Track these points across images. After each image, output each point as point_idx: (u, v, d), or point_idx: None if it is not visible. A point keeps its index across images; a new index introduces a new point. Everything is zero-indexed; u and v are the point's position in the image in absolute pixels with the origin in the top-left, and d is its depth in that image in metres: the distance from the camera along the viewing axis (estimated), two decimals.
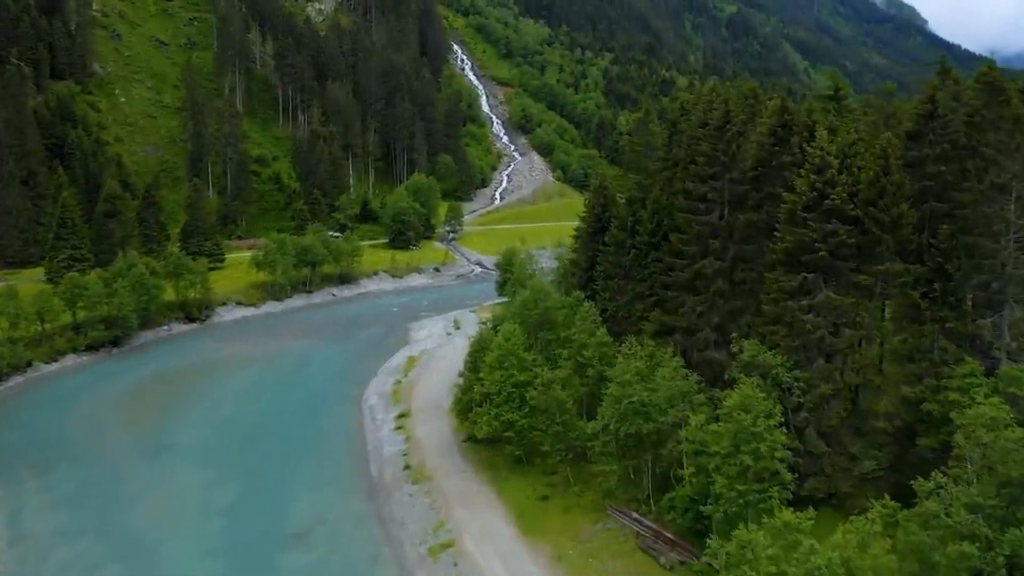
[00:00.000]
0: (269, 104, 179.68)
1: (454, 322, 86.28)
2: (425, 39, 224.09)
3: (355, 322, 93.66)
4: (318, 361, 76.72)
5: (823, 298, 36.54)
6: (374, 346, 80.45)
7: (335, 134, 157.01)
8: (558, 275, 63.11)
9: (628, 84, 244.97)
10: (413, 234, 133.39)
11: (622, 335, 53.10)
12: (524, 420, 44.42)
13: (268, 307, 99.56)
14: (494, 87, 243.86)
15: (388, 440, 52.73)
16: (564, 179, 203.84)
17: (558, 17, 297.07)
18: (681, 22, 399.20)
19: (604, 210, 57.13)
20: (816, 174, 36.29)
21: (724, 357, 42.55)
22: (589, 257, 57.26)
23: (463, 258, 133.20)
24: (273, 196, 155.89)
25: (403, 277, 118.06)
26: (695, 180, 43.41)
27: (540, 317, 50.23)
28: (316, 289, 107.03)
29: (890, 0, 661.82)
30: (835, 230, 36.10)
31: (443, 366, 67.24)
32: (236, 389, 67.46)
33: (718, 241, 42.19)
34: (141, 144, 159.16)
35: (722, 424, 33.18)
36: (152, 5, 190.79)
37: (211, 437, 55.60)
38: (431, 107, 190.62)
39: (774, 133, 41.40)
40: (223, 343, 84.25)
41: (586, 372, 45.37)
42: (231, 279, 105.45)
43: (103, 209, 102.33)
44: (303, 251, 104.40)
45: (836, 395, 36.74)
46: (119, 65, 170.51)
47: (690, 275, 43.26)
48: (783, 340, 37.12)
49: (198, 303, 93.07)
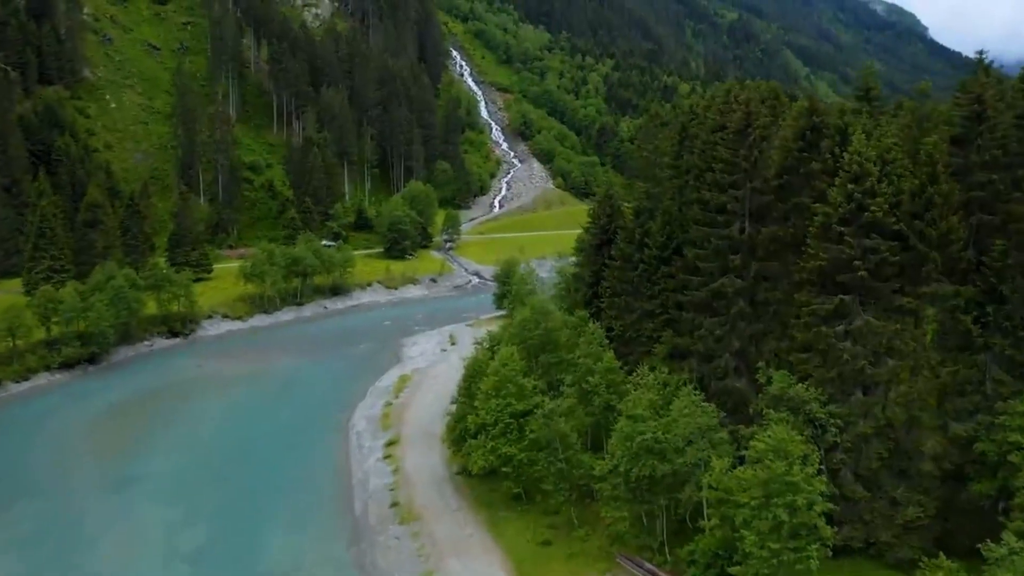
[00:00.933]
0: (263, 110, 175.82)
1: (449, 337, 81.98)
2: (423, 45, 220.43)
3: (346, 337, 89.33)
4: (305, 380, 72.39)
5: (861, 323, 32.28)
6: (365, 363, 76.13)
7: (329, 141, 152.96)
8: (560, 290, 58.84)
9: (629, 90, 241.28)
10: (409, 243, 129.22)
11: (630, 356, 49.14)
12: (523, 454, 40.11)
13: (256, 320, 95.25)
14: (493, 93, 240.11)
15: (375, 472, 48.36)
16: (565, 186, 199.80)
17: (558, 23, 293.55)
18: (682, 29, 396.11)
19: (610, 221, 52.94)
20: (853, 183, 32.09)
21: (746, 386, 38.33)
22: (594, 271, 53.05)
23: (460, 268, 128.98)
24: (266, 204, 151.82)
25: (398, 288, 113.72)
26: (713, 189, 39.19)
27: (541, 339, 45.97)
28: (307, 301, 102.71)
29: (890, 7, 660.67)
30: (875, 246, 31.90)
31: (436, 387, 62.94)
32: (215, 412, 63.09)
33: (739, 257, 37.94)
34: (131, 151, 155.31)
35: (750, 469, 28.91)
36: (145, 9, 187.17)
37: (183, 468, 51.22)
38: (429, 113, 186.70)
39: (802, 137, 37.20)
40: (206, 360, 79.85)
41: (592, 401, 41.06)
42: (218, 291, 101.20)
43: (84, 218, 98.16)
44: (293, 262, 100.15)
45: (876, 433, 32.43)
46: (110, 70, 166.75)
47: (707, 294, 38.99)
48: (816, 370, 32.89)
49: (181, 317, 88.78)
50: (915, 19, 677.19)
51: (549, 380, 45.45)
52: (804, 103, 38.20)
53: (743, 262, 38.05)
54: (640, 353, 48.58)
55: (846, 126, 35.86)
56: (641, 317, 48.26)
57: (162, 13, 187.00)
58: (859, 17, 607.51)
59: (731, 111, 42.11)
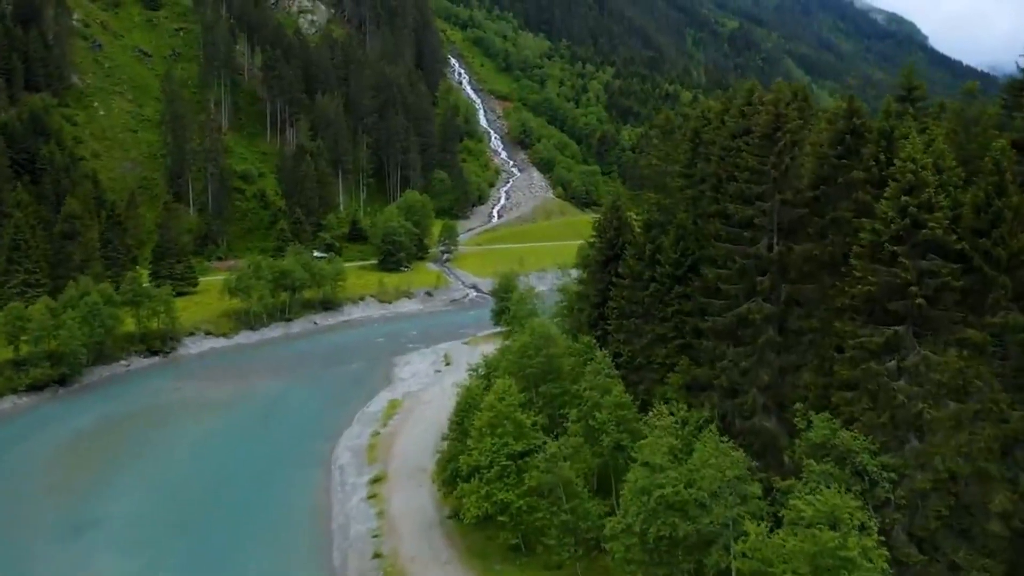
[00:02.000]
0: (256, 118, 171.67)
1: (444, 357, 77.20)
2: (421, 52, 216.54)
3: (336, 355, 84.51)
4: (289, 404, 67.58)
5: (918, 359, 27.57)
6: (353, 386, 71.32)
7: (323, 149, 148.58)
8: (562, 311, 54.08)
9: (631, 98, 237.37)
10: (404, 255, 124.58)
11: (639, 385, 44.53)
12: (522, 501, 35.35)
13: (241, 338, 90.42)
14: (492, 101, 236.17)
15: (358, 515, 43.50)
16: (565, 196, 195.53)
17: (558, 31, 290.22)
18: (682, 37, 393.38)
19: (617, 235, 48.35)
20: (907, 194, 27.45)
21: (776, 426, 33.62)
22: (600, 290, 48.43)
23: (457, 281, 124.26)
24: (258, 214, 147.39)
25: (391, 303, 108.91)
26: (736, 201, 34.58)
27: (542, 367, 41.21)
28: (296, 317, 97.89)
29: (890, 16, 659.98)
30: (934, 269, 27.25)
31: (428, 414, 58.17)
32: (189, 441, 58.22)
33: (767, 278, 33.27)
34: (119, 160, 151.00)
35: (793, 537, 24.16)
36: (136, 15, 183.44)
37: (148, 508, 46.36)
38: (426, 121, 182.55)
39: (840, 142, 32.61)
40: (184, 382, 75.06)
41: (599, 439, 36.29)
42: (203, 306, 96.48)
43: (61, 230, 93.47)
44: (281, 275, 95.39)
45: (935, 488, 27.66)
46: (99, 77, 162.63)
47: (731, 320, 34.30)
48: (864, 414, 28.17)
49: (161, 334, 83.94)
50: (915, 28, 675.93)
51: (551, 413, 40.71)
52: (842, 104, 33.61)
53: (772, 284, 33.39)
54: (651, 381, 43.99)
55: (892, 129, 31.30)
56: (652, 342, 43.68)
57: (154, 19, 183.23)
58: (859, 26, 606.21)
59: (755, 113, 37.62)
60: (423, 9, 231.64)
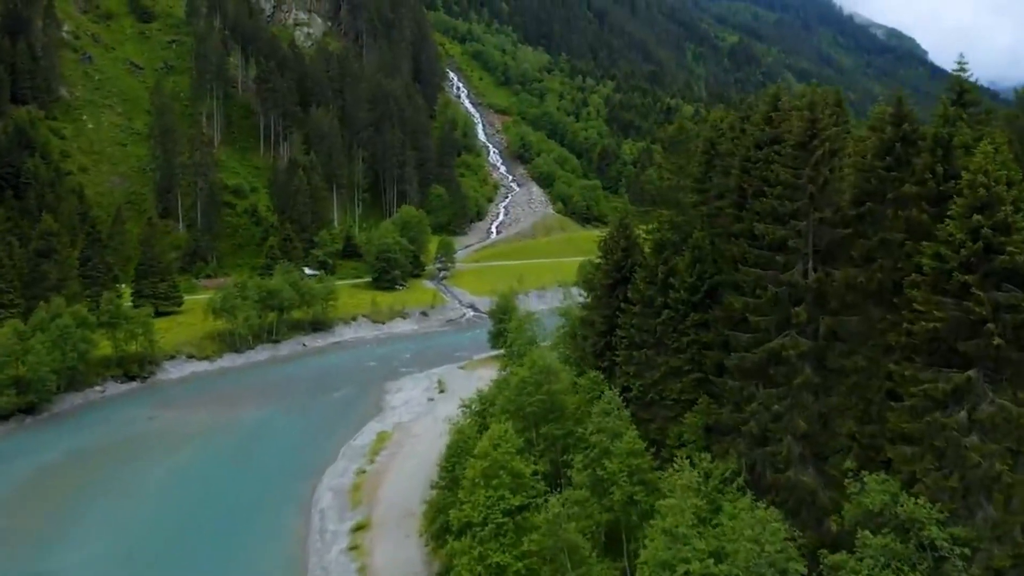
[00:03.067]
0: (249, 131, 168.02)
1: (438, 383, 72.55)
2: (419, 65, 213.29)
3: (324, 380, 79.88)
4: (271, 435, 62.90)
5: (993, 409, 23.08)
6: (341, 415, 66.73)
7: (316, 163, 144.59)
8: (565, 338, 49.49)
9: (631, 112, 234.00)
10: (399, 273, 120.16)
11: (651, 423, 40.01)
12: (520, 564, 30.71)
13: (225, 361, 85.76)
14: (491, 115, 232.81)
15: (337, 569, 38.81)
16: (565, 211, 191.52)
17: (558, 45, 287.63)
18: (682, 52, 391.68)
19: (626, 256, 43.93)
20: (979, 213, 23.06)
21: (814, 480, 29.05)
22: (606, 317, 43.93)
23: (454, 300, 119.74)
24: (249, 230, 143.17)
25: (385, 323, 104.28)
26: (767, 220, 30.21)
27: (543, 405, 36.66)
28: (284, 338, 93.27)
29: (890, 31, 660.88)
30: (1013, 302, 22.83)
31: (419, 449, 53.55)
32: (159, 479, 53.50)
33: (803, 309, 28.83)
34: (108, 174, 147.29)
35: None
36: (129, 27, 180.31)
37: (106, 560, 41.60)
38: (423, 135, 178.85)
39: (888, 151, 28.26)
40: (161, 410, 70.37)
41: (609, 491, 31.69)
42: (186, 327, 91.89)
43: (37, 247, 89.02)
44: (268, 295, 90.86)
45: (1015, 564, 23.12)
46: (88, 89, 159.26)
47: (761, 357, 29.83)
48: (928, 475, 23.62)
49: (139, 358, 79.33)
50: (915, 43, 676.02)
51: (553, 458, 36.15)
52: (888, 108, 29.29)
53: (809, 316, 28.94)
54: (665, 420, 39.44)
55: (950, 138, 26.99)
56: (666, 375, 39.18)
57: (147, 31, 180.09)
58: (859, 41, 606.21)
59: (784, 120, 33.35)
60: (421, 22, 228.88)
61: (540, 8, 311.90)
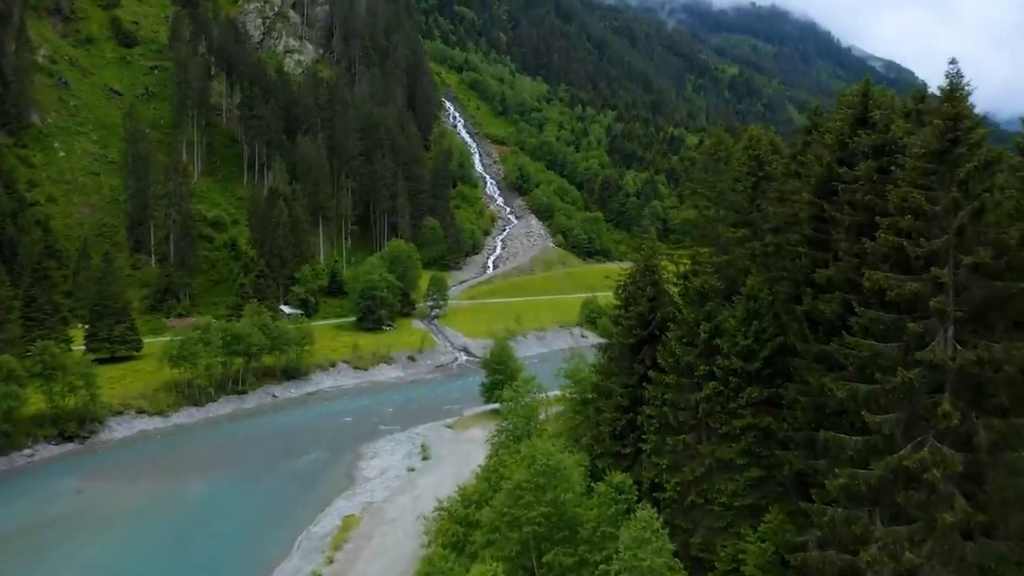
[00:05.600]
0: (233, 161, 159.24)
1: (421, 448, 61.90)
2: (413, 94, 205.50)
3: (291, 440, 69.25)
4: (217, 516, 52.15)
5: None
6: (304, 487, 56.15)
7: (300, 194, 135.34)
8: (574, 411, 39.03)
9: (634, 142, 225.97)
10: (385, 312, 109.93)
11: (691, 533, 30.06)
12: None
13: (181, 416, 75.11)
14: (488, 145, 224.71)
15: None
16: (566, 245, 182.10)
17: (557, 75, 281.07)
18: (683, 83, 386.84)
19: (653, 308, 33.97)
20: None
21: None
22: (629, 388, 33.77)
23: (446, 342, 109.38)
24: (228, 265, 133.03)
25: (368, 369, 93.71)
26: (881, 265, 20.30)
27: (548, 521, 26.32)
28: (251, 388, 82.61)
29: (888, 64, 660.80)
30: None
31: (390, 542, 43.03)
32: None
33: (949, 402, 18.78)
34: (78, 205, 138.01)
35: None
36: (110, 52, 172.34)
37: None
38: (416, 165, 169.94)
39: None
40: (95, 480, 59.64)
41: None
42: (142, 375, 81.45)
43: None
44: (234, 339, 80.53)
45: None
46: (63, 116, 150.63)
47: (882, 473, 19.69)
48: None
49: (78, 415, 68.78)
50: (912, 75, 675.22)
51: None
52: None
53: (960, 414, 18.86)
54: (711, 531, 29.43)
55: None
56: (712, 471, 29.49)
57: (128, 56, 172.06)
58: (857, 73, 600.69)
59: (888, 123, 23.61)
60: (416, 50, 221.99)
61: (539, 39, 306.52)
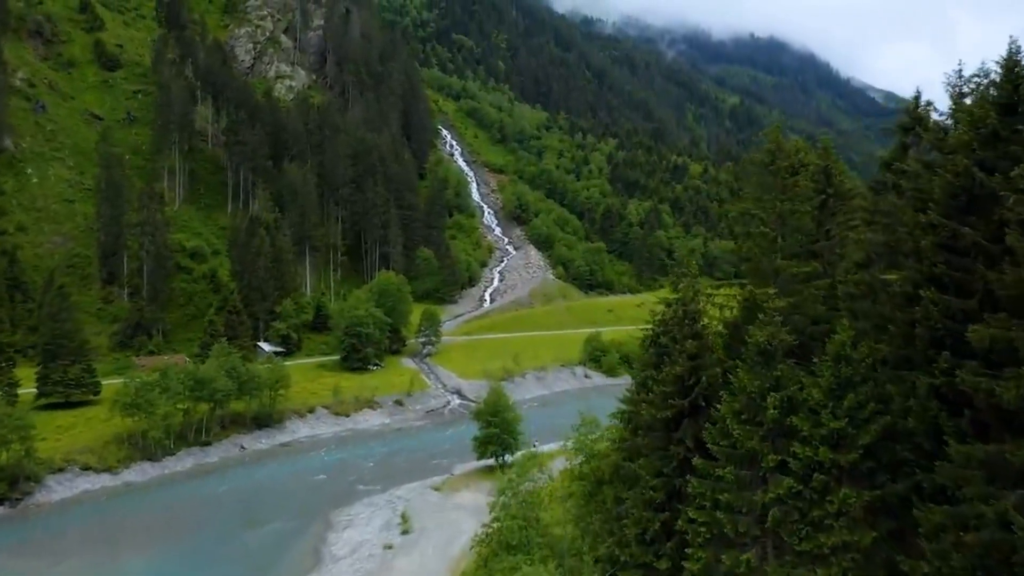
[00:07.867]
0: (218, 188, 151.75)
1: (401, 517, 52.72)
2: (408, 120, 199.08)
3: (254, 503, 60.14)
4: None
5: None
6: (260, 569, 46.96)
7: (284, 223, 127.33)
8: (583, 498, 30.17)
9: (636, 170, 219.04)
10: (372, 351, 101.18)
11: None
12: None
13: (133, 473, 65.91)
14: (486, 174, 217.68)
15: None
16: (566, 277, 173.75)
17: (556, 104, 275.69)
18: (683, 112, 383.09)
19: (695, 367, 25.40)
20: None
21: None
22: (663, 477, 25.09)
23: (437, 383, 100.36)
24: (206, 298, 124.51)
25: (349, 415, 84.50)
26: None
27: None
28: (217, 439, 73.43)
29: (888, 95, 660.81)
30: None
31: None
32: None
33: None
34: (49, 234, 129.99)
35: None
36: (92, 76, 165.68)
37: None
38: (410, 193, 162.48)
39: None
40: (17, 555, 50.21)
41: None
42: (94, 424, 72.35)
43: None
44: (197, 384, 71.72)
45: None
46: (38, 141, 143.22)
47: None
48: None
49: (10, 473, 59.74)
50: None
51: None
52: None
53: None
54: None
55: None
56: None
57: (111, 80, 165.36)
58: (858, 104, 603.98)
59: None
60: (412, 76, 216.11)
61: (538, 67, 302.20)
